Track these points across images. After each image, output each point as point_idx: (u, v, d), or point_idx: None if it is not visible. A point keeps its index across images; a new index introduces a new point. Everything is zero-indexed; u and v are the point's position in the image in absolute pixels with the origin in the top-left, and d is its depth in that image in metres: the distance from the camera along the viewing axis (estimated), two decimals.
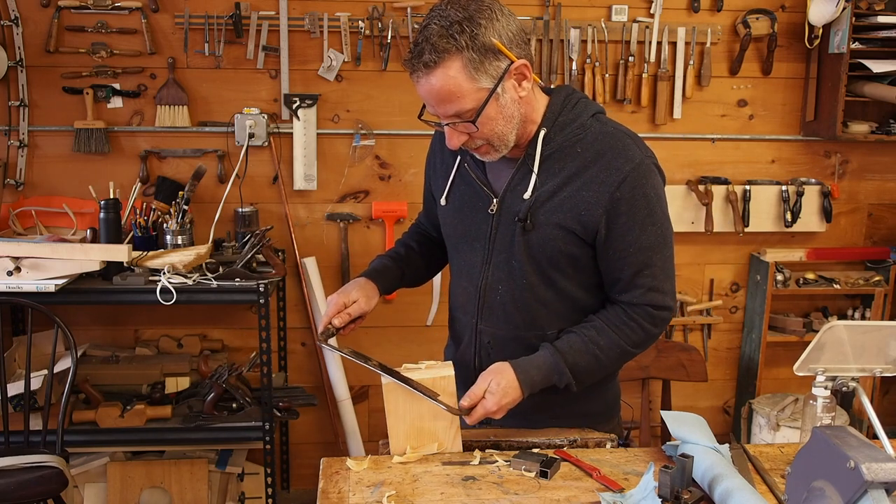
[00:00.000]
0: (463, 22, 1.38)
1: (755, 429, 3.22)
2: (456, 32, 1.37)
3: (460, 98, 1.41)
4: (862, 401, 1.47)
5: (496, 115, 1.45)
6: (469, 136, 1.48)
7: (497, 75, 1.42)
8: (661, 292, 1.54)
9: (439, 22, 1.39)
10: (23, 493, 2.35)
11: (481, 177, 1.59)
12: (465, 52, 1.38)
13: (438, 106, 1.44)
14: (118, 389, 2.92)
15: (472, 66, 1.39)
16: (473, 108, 1.42)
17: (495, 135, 1.47)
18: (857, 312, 3.45)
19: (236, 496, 3.09)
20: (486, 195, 1.58)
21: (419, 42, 1.40)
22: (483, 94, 1.42)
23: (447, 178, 1.65)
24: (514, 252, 1.55)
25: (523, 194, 1.52)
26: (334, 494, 1.33)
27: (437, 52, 1.38)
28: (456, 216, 1.64)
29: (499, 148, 1.50)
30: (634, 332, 1.54)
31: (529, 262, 1.55)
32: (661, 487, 1.26)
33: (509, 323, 1.60)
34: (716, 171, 3.34)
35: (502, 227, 1.56)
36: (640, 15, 3.18)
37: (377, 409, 3.26)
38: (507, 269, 1.57)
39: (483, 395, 1.47)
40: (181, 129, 3.09)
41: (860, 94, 3.16)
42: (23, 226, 3.00)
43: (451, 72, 1.39)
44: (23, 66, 3.00)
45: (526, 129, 1.52)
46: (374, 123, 3.17)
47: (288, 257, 3.20)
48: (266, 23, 3.04)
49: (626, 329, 1.54)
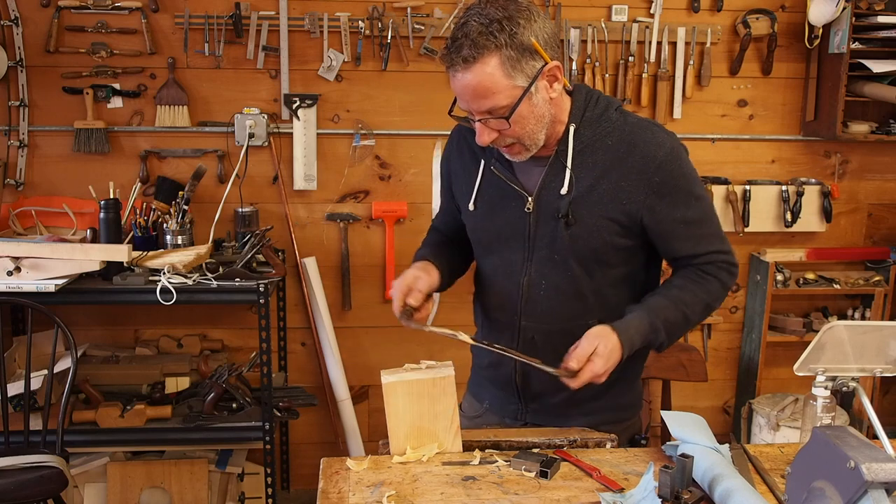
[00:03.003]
0: (503, 21, 1.41)
1: (755, 429, 3.22)
2: (496, 30, 1.40)
3: (495, 94, 1.44)
4: (862, 401, 1.47)
5: (528, 113, 1.48)
6: (499, 133, 1.50)
7: (532, 75, 1.45)
8: (725, 252, 1.63)
9: (479, 19, 1.42)
10: (23, 493, 2.35)
11: (511, 177, 1.61)
12: (503, 49, 1.41)
13: (473, 101, 1.47)
14: (118, 389, 2.92)
15: (510, 64, 1.42)
16: (507, 105, 1.45)
17: (526, 134, 1.50)
18: (857, 312, 3.45)
19: (236, 496, 3.09)
20: (518, 195, 1.60)
21: (458, 38, 1.43)
22: (518, 91, 1.45)
23: (472, 183, 1.66)
24: (557, 247, 1.58)
25: (560, 190, 1.56)
26: (334, 494, 1.33)
27: (477, 49, 1.41)
28: (487, 218, 1.66)
29: (529, 147, 1.54)
30: (712, 284, 1.61)
31: (573, 256, 1.58)
32: (661, 487, 1.27)
33: (553, 316, 1.63)
34: (716, 171, 3.34)
35: (542, 225, 1.59)
36: (640, 15, 3.18)
37: (377, 409, 3.26)
38: (550, 264, 1.60)
39: (590, 357, 1.48)
40: (181, 129, 3.09)
41: (860, 94, 3.16)
42: (23, 226, 3.00)
43: (489, 68, 1.42)
44: (23, 66, 3.00)
45: (554, 129, 1.56)
46: (374, 123, 3.17)
47: (288, 257, 3.20)
48: (266, 23, 3.04)
49: (705, 283, 1.61)
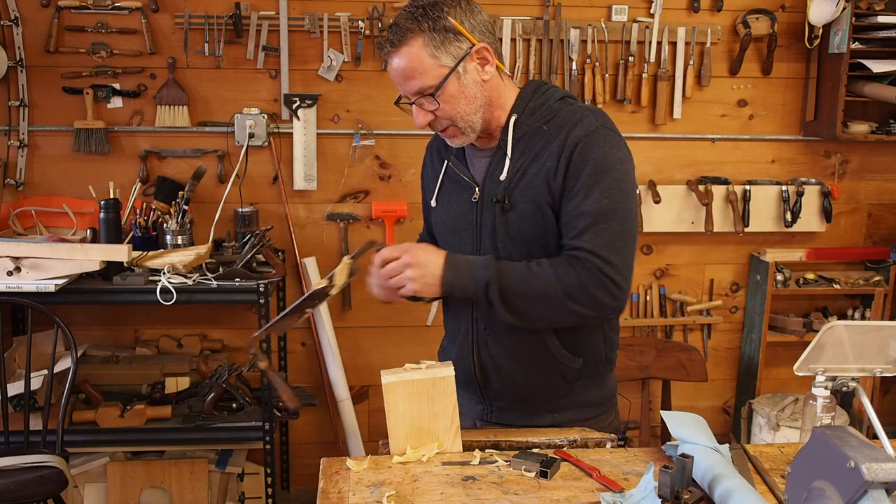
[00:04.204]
0: (427, 7, 1.51)
1: (755, 429, 3.22)
2: (419, 15, 1.50)
3: (422, 74, 1.51)
4: (862, 401, 1.47)
5: (458, 93, 1.53)
6: (434, 115, 1.56)
7: (458, 55, 1.52)
8: (602, 259, 1.49)
9: (408, 8, 1.53)
10: (23, 493, 2.35)
11: (463, 169, 1.67)
12: (427, 32, 1.50)
13: (404, 83, 1.55)
14: (118, 389, 2.92)
15: (433, 45, 1.50)
16: (434, 84, 1.52)
17: (458, 115, 1.55)
18: (857, 312, 3.45)
19: (236, 496, 3.09)
20: (469, 185, 1.65)
21: (390, 26, 1.54)
22: (444, 70, 1.52)
23: (437, 181, 1.73)
24: (498, 235, 1.60)
25: (500, 177, 1.59)
26: (334, 494, 1.33)
27: (402, 32, 1.51)
28: (445, 211, 1.71)
29: (464, 130, 1.58)
30: (569, 276, 1.50)
31: (512, 243, 1.59)
32: (661, 487, 1.26)
33: None
34: (716, 171, 3.34)
35: (485, 213, 1.62)
36: (640, 15, 3.18)
37: (377, 409, 3.26)
38: (493, 252, 1.61)
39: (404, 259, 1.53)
40: (181, 129, 3.09)
41: (860, 94, 3.16)
42: (23, 226, 3.00)
43: (414, 49, 1.51)
44: (23, 66, 3.00)
45: (494, 115, 1.60)
46: (374, 123, 3.17)
47: (288, 257, 3.20)
48: (266, 23, 3.04)
49: (561, 270, 1.50)
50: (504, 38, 3.10)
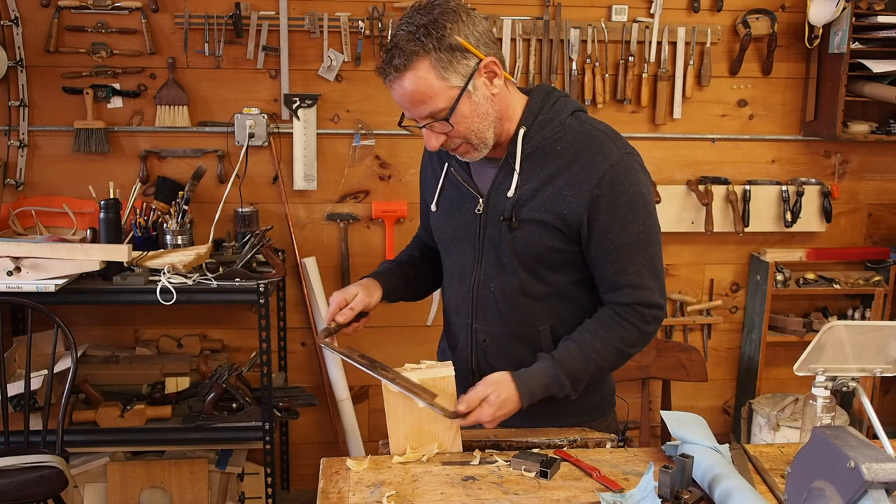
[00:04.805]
0: (429, 25, 1.42)
1: (755, 429, 3.22)
2: (423, 35, 1.42)
3: (432, 98, 1.45)
4: (862, 401, 1.47)
5: (470, 112, 1.48)
6: (446, 136, 1.51)
7: (467, 73, 1.46)
8: (648, 289, 1.55)
9: (406, 28, 1.44)
10: (23, 493, 2.35)
11: (467, 178, 1.63)
12: (433, 53, 1.42)
13: (413, 108, 1.48)
14: (118, 389, 2.92)
15: (441, 66, 1.43)
16: (446, 106, 1.46)
17: (472, 132, 1.50)
18: (857, 312, 3.45)
19: (236, 496, 3.09)
20: (472, 196, 1.61)
21: (389, 49, 1.45)
22: (454, 92, 1.45)
23: (437, 184, 1.69)
24: (503, 250, 1.58)
25: (507, 192, 1.55)
26: (334, 494, 1.33)
27: (406, 56, 1.42)
28: (446, 219, 1.68)
29: (478, 146, 1.53)
30: (628, 331, 1.56)
31: (517, 260, 1.57)
32: (661, 487, 1.26)
33: (503, 320, 1.63)
34: (716, 171, 3.34)
35: (490, 226, 1.59)
36: (640, 15, 3.18)
37: (377, 409, 3.26)
38: (497, 266, 1.60)
39: (480, 403, 1.48)
40: (181, 129, 3.09)
41: (860, 94, 3.16)
42: (23, 226, 3.00)
43: (421, 73, 1.43)
44: (23, 66, 3.00)
45: (504, 128, 1.55)
46: (374, 123, 3.17)
47: (288, 257, 3.20)
48: (266, 23, 3.04)
49: (620, 329, 1.55)
50: (504, 38, 3.10)
